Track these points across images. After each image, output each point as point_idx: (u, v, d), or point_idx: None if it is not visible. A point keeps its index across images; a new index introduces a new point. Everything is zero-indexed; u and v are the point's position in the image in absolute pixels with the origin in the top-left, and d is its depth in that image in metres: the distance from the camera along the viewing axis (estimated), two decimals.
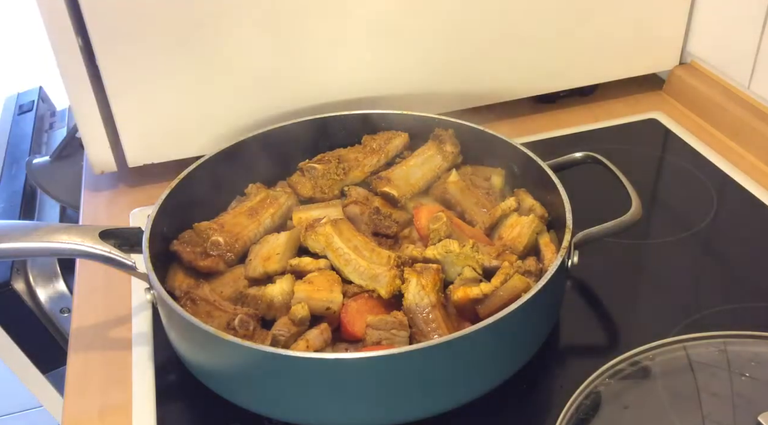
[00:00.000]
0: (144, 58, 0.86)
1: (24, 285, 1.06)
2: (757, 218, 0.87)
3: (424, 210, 0.76)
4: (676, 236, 0.85)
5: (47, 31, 0.82)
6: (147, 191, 0.96)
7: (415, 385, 0.61)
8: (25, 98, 1.41)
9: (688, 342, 0.66)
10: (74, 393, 0.71)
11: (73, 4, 0.81)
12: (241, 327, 0.65)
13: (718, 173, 0.93)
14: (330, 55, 0.92)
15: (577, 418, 0.61)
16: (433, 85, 0.98)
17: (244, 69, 0.90)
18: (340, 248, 0.69)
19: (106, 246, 0.67)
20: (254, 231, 0.76)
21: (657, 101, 1.09)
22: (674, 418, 0.61)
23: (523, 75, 1.02)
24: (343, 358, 0.58)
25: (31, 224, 0.72)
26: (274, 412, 0.64)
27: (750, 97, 0.98)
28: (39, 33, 0.83)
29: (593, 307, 0.77)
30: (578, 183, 0.76)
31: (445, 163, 0.83)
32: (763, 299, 0.76)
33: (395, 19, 0.92)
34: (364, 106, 0.92)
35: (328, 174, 0.82)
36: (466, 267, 0.69)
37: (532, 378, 0.68)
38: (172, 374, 0.71)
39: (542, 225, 0.75)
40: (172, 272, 0.73)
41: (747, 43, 0.95)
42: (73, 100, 0.87)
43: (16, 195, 1.17)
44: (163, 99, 0.89)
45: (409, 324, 0.65)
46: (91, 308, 0.80)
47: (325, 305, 0.66)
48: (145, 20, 0.83)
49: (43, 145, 1.30)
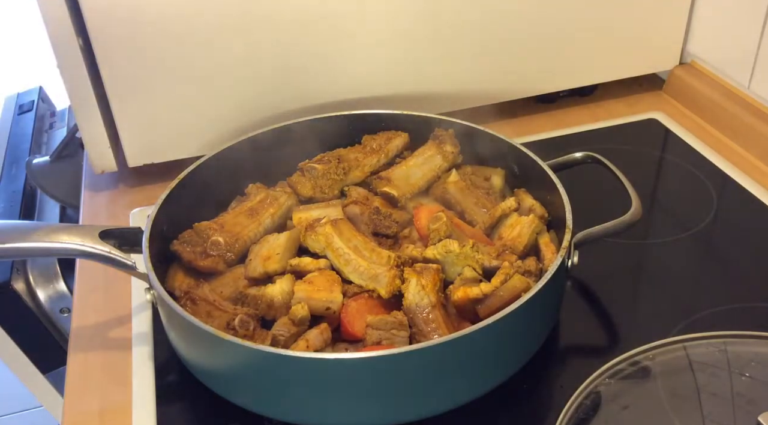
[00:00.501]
0: (144, 58, 0.86)
1: (24, 285, 1.06)
2: (757, 218, 0.87)
3: (424, 210, 0.76)
4: (676, 236, 0.85)
5: (48, 31, 0.82)
6: (147, 191, 0.96)
7: (415, 385, 0.61)
8: (25, 98, 1.41)
9: (688, 342, 0.66)
10: (74, 393, 0.71)
11: (73, 5, 0.81)
12: (241, 327, 0.64)
13: (718, 173, 0.93)
14: (330, 56, 0.92)
15: (577, 418, 0.61)
16: (433, 85, 0.98)
17: (244, 69, 0.90)
18: (340, 248, 0.69)
19: (106, 246, 0.67)
20: (254, 231, 0.76)
21: (657, 101, 1.09)
22: (674, 418, 0.61)
23: (523, 75, 1.02)
24: (343, 358, 0.58)
25: (31, 224, 0.72)
26: (274, 412, 0.64)
27: (750, 97, 0.98)
28: (39, 33, 0.83)
29: (593, 307, 0.77)
30: (578, 183, 0.76)
31: (445, 163, 0.83)
32: (763, 299, 0.76)
33: (395, 19, 0.92)
34: (364, 106, 0.92)
35: (328, 174, 0.82)
36: (466, 267, 0.69)
37: (532, 378, 0.68)
38: (172, 374, 0.71)
39: (542, 225, 0.75)
40: (172, 272, 0.73)
41: (747, 43, 0.95)
42: (73, 100, 0.87)
43: (16, 195, 1.17)
44: (163, 99, 0.89)
45: (409, 324, 0.65)
46: (91, 308, 0.80)
47: (325, 305, 0.66)
48: (145, 21, 0.83)
49: (43, 145, 1.30)
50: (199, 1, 0.84)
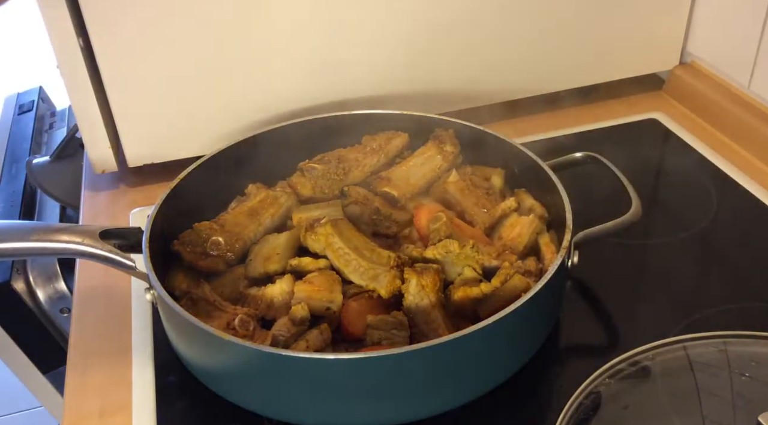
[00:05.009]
0: (144, 58, 0.86)
1: (24, 285, 1.06)
2: (757, 218, 0.87)
3: (424, 210, 0.76)
4: (676, 236, 0.85)
5: (48, 31, 0.82)
6: (147, 191, 0.96)
7: (415, 385, 0.61)
8: (25, 98, 1.41)
9: (688, 342, 0.66)
10: (74, 393, 0.71)
11: (73, 5, 0.81)
12: (241, 327, 0.65)
13: (718, 173, 0.93)
14: (330, 56, 0.92)
15: (577, 418, 0.61)
16: (433, 85, 0.98)
17: (244, 69, 0.90)
18: (341, 249, 0.69)
19: (106, 246, 0.67)
20: (254, 231, 0.76)
21: (657, 101, 1.09)
22: (674, 418, 0.61)
23: (523, 75, 1.02)
24: (343, 358, 0.58)
25: (31, 224, 0.72)
26: (274, 412, 0.64)
27: (750, 97, 0.98)
28: (39, 33, 0.83)
29: (593, 307, 0.77)
30: (578, 183, 0.76)
31: (445, 163, 0.83)
32: (763, 299, 0.76)
33: (395, 19, 0.92)
34: (364, 106, 0.92)
35: (328, 174, 0.82)
36: (466, 267, 0.69)
37: (532, 378, 0.68)
38: (172, 374, 0.71)
39: (542, 225, 0.75)
40: (172, 272, 0.73)
41: (747, 43, 0.95)
42: (73, 101, 0.87)
43: (16, 195, 1.17)
44: (163, 99, 0.89)
45: (409, 324, 0.65)
46: (91, 308, 0.80)
47: (325, 305, 0.66)
48: (146, 21, 0.83)
49: (43, 145, 1.30)
50: (200, 3, 0.84)
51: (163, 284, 0.65)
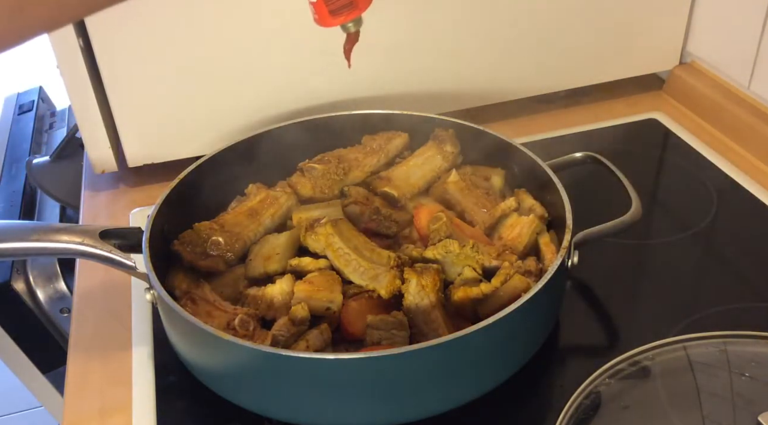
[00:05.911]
0: (144, 58, 0.86)
1: (24, 285, 1.06)
2: (757, 218, 0.87)
3: (424, 210, 0.76)
4: (676, 236, 0.85)
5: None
6: (147, 191, 0.96)
7: (415, 385, 0.61)
8: (25, 98, 1.41)
9: (688, 342, 0.66)
10: (74, 393, 0.71)
11: None
12: (241, 327, 0.65)
13: (718, 173, 0.93)
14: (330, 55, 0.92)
15: (577, 418, 0.61)
16: (433, 85, 0.98)
17: (244, 69, 0.90)
18: (341, 249, 0.69)
19: (106, 246, 0.67)
20: (254, 231, 0.76)
21: (657, 101, 1.09)
22: (674, 418, 0.61)
23: (523, 75, 1.02)
24: (343, 358, 0.58)
25: (31, 224, 0.72)
26: (274, 412, 0.64)
27: (750, 97, 0.98)
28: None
29: (593, 307, 0.77)
30: (578, 183, 0.76)
31: (445, 163, 0.83)
32: (763, 299, 0.76)
33: (395, 19, 0.92)
34: (364, 106, 0.92)
35: (328, 174, 0.82)
36: (466, 267, 0.69)
37: (532, 378, 0.68)
38: (172, 374, 0.71)
39: (542, 225, 0.75)
40: (172, 272, 0.73)
41: (747, 43, 0.95)
42: (73, 101, 0.87)
43: (16, 195, 1.17)
44: (163, 99, 0.89)
45: (409, 324, 0.65)
46: (91, 308, 0.80)
47: (325, 305, 0.66)
48: (146, 21, 0.83)
49: (43, 145, 1.30)
50: (200, 3, 0.84)
51: (163, 284, 0.65)
